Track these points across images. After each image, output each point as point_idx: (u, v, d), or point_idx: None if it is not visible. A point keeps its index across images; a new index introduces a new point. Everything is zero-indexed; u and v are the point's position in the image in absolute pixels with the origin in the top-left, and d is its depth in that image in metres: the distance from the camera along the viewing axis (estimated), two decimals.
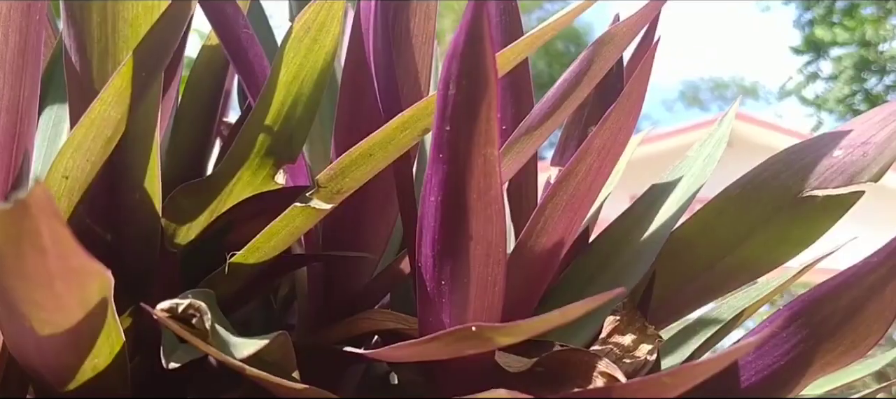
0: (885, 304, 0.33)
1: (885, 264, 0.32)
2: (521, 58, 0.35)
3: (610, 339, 0.43)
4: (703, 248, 0.45)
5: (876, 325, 0.34)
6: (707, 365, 0.25)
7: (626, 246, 0.46)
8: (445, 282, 0.33)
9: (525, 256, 0.38)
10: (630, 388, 0.28)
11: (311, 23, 0.40)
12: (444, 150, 0.30)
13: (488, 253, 0.32)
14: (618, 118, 0.36)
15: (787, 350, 0.35)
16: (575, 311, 0.26)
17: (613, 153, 0.37)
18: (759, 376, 0.37)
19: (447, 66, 0.28)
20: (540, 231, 0.38)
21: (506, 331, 0.28)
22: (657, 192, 0.48)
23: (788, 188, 0.44)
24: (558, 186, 0.37)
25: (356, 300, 0.43)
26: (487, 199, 0.30)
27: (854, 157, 0.44)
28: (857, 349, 0.35)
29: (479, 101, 0.28)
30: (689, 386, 0.26)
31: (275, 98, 0.40)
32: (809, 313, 0.34)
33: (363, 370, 0.45)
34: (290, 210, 0.36)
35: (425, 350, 0.31)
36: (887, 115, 0.45)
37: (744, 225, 0.44)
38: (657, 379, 0.26)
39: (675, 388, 0.26)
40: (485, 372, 0.37)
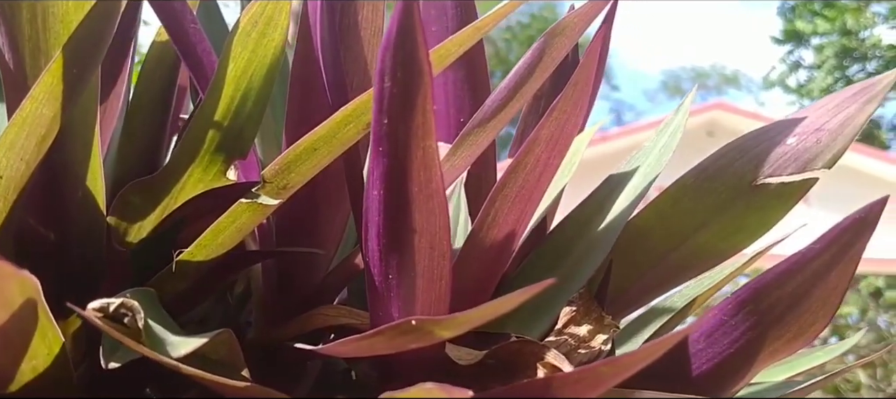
0: (829, 290, 0.33)
1: (827, 250, 0.32)
2: (463, 48, 0.35)
3: (566, 329, 0.43)
4: (659, 238, 0.45)
5: (822, 312, 0.34)
6: (640, 355, 0.25)
7: (583, 236, 0.46)
8: (392, 276, 0.33)
9: (477, 248, 0.38)
10: (568, 380, 0.28)
11: (259, 17, 0.39)
12: (382, 144, 0.30)
13: (433, 246, 0.32)
14: (565, 109, 0.36)
15: (737, 337, 0.35)
16: (509, 302, 0.26)
17: (562, 143, 0.37)
18: (711, 364, 0.37)
19: (381, 59, 0.28)
20: (491, 223, 0.38)
21: (445, 324, 0.28)
22: (614, 182, 0.48)
23: (743, 176, 0.44)
24: (507, 178, 0.37)
25: (312, 296, 0.43)
26: (429, 191, 0.30)
27: (808, 144, 0.44)
28: (804, 336, 0.35)
29: (415, 94, 0.28)
30: (625, 376, 0.26)
31: (224, 93, 0.40)
32: (756, 301, 0.34)
33: (321, 366, 0.44)
34: (236, 206, 0.35)
35: (369, 345, 0.31)
36: (841, 102, 0.45)
37: (699, 213, 0.44)
38: (594, 369, 0.26)
39: (612, 378, 0.26)
40: (437, 365, 0.37)
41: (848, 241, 0.32)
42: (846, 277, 0.32)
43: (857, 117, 0.45)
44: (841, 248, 0.32)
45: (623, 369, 0.26)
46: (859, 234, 0.31)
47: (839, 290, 0.33)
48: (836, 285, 0.33)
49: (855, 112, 0.45)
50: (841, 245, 0.32)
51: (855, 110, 0.45)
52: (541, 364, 0.32)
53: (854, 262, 0.32)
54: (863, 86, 0.45)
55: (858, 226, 0.31)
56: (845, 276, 0.32)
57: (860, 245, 0.32)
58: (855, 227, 0.31)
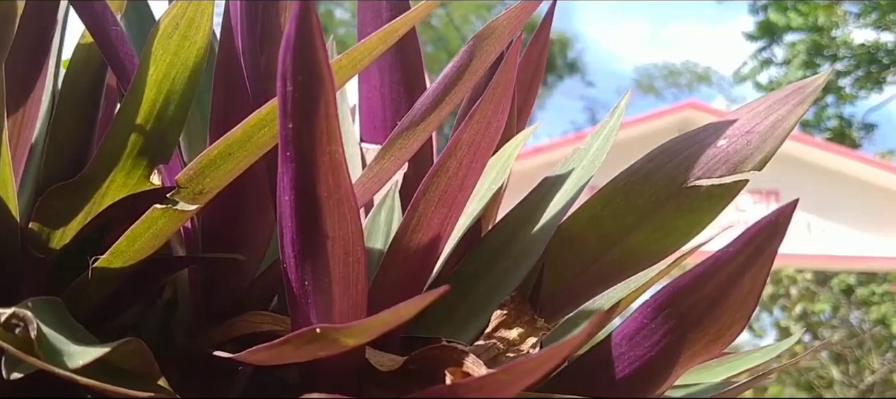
0: (744, 293, 0.33)
1: (741, 253, 0.32)
2: (375, 52, 0.35)
3: (495, 333, 0.42)
4: (592, 240, 0.45)
5: (738, 315, 0.34)
6: (538, 360, 0.25)
7: (517, 239, 0.46)
8: (309, 282, 0.33)
9: (401, 253, 0.38)
10: (471, 386, 0.27)
11: (180, 19, 0.39)
12: (289, 149, 0.29)
13: (347, 252, 0.32)
14: (485, 112, 0.35)
15: (657, 340, 0.35)
16: (407, 309, 0.25)
17: (484, 147, 0.37)
18: (633, 368, 0.37)
19: (281, 62, 0.27)
20: (415, 227, 0.37)
21: (348, 331, 0.27)
22: (548, 184, 0.48)
23: (674, 178, 0.44)
24: (430, 182, 0.36)
25: (240, 301, 0.42)
26: (338, 196, 0.30)
27: (738, 147, 0.44)
28: (722, 339, 0.35)
29: (317, 98, 0.27)
30: (526, 382, 0.26)
31: (145, 97, 0.39)
32: (674, 304, 0.34)
33: (252, 371, 0.44)
34: (150, 212, 0.35)
35: (278, 353, 0.30)
36: (772, 105, 0.45)
37: (631, 216, 0.44)
38: (494, 376, 0.26)
39: (512, 384, 0.26)
40: (358, 370, 0.36)
41: (760, 244, 0.32)
42: (761, 280, 0.33)
43: (787, 119, 0.45)
44: (754, 251, 0.32)
45: (521, 376, 0.25)
46: (771, 238, 0.31)
47: (754, 292, 0.33)
48: (751, 288, 0.33)
49: (785, 114, 0.45)
50: (754, 248, 0.32)
51: (785, 112, 0.45)
52: (456, 369, 0.32)
53: (768, 265, 0.32)
54: (794, 88, 0.46)
55: (770, 229, 0.31)
56: (759, 278, 0.32)
57: (772, 248, 0.32)
58: (767, 230, 0.31)
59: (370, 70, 0.49)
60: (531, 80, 0.53)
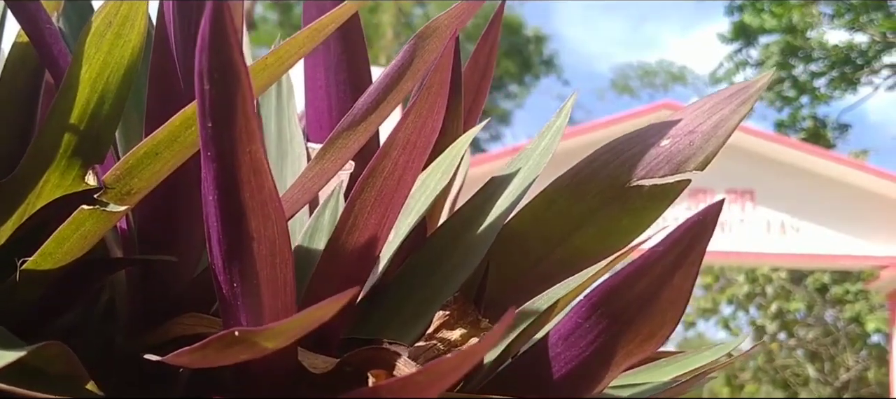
0: (675, 292, 0.33)
1: (671, 252, 0.32)
2: (302, 50, 0.34)
3: (437, 334, 0.42)
4: (536, 240, 0.45)
5: (670, 314, 0.34)
6: (455, 361, 0.25)
7: (461, 240, 0.46)
8: (237, 284, 0.32)
9: (337, 255, 0.37)
10: (391, 388, 0.27)
11: (113, 17, 0.38)
12: (210, 148, 0.29)
13: (274, 253, 0.31)
14: (419, 112, 0.35)
15: (592, 340, 0.35)
16: (323, 310, 0.25)
17: (420, 147, 0.37)
18: (569, 368, 0.37)
19: (198, 61, 0.27)
20: (350, 229, 0.37)
21: (266, 334, 0.27)
22: (495, 185, 0.47)
23: (617, 178, 0.44)
24: (364, 183, 0.36)
25: (178, 303, 0.41)
26: (262, 197, 0.30)
27: (680, 146, 0.44)
28: (655, 338, 0.35)
29: (234, 97, 0.27)
30: (444, 384, 0.26)
31: (79, 96, 0.39)
32: (607, 303, 0.34)
33: (190, 374, 0.43)
34: (78, 213, 0.34)
35: (201, 356, 0.30)
36: (715, 104, 0.46)
37: (574, 215, 0.45)
38: (413, 378, 0.26)
39: (432, 385, 0.26)
40: (291, 373, 0.36)
41: (689, 243, 0.32)
42: (690, 279, 0.33)
43: (730, 119, 0.45)
44: (683, 250, 0.32)
45: (439, 378, 0.25)
46: (699, 237, 0.31)
47: (685, 291, 0.33)
48: (682, 286, 0.33)
49: (729, 114, 0.45)
50: (683, 247, 0.32)
51: (729, 112, 0.45)
52: (380, 371, 0.32)
53: (697, 264, 0.32)
54: (737, 88, 0.46)
55: (698, 228, 0.31)
56: (689, 277, 0.33)
57: (701, 247, 0.32)
58: (695, 229, 0.31)
59: (316, 70, 0.49)
60: (480, 82, 0.53)
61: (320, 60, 0.49)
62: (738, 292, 9.91)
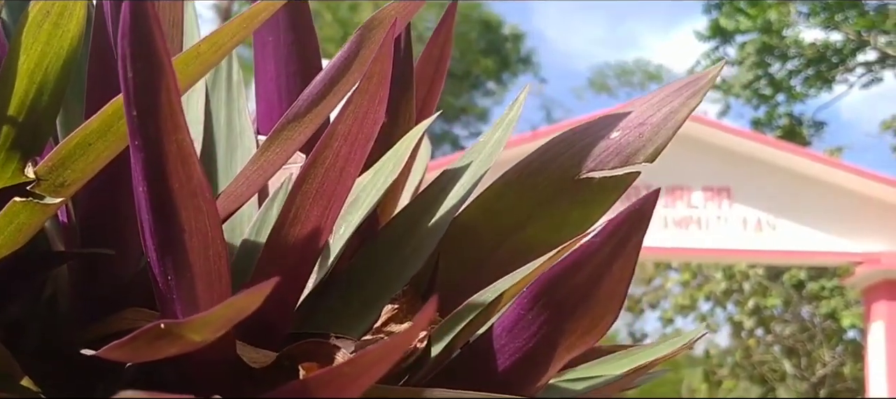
0: (615, 282, 0.33)
1: (608, 243, 0.32)
2: (236, 38, 0.34)
3: (385, 328, 0.42)
4: (486, 233, 0.45)
5: (610, 305, 0.34)
6: (379, 353, 0.24)
7: (412, 233, 0.45)
8: (171, 277, 0.32)
9: (279, 248, 0.37)
10: (319, 380, 0.27)
11: (50, 7, 0.37)
12: (137, 138, 0.28)
13: (206, 245, 0.31)
14: (360, 103, 0.35)
15: (535, 331, 0.35)
16: (245, 301, 0.25)
17: (362, 138, 0.36)
18: (513, 359, 0.37)
19: (120, 47, 0.26)
20: (292, 222, 0.37)
21: (191, 326, 0.27)
22: (447, 178, 0.47)
23: (567, 170, 0.44)
24: (305, 175, 0.36)
25: (121, 297, 0.41)
26: (191, 188, 0.29)
27: (630, 138, 0.44)
28: (596, 329, 0.35)
29: (157, 85, 0.26)
30: (371, 374, 0.25)
31: (17, 88, 0.38)
32: (549, 294, 0.34)
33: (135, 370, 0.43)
34: (10, 206, 0.33)
35: (131, 350, 0.29)
36: (665, 97, 0.46)
37: (524, 208, 0.44)
38: (339, 369, 0.25)
39: (359, 377, 0.25)
40: (232, 368, 0.35)
41: (626, 233, 0.32)
42: (629, 270, 0.33)
43: (679, 112, 0.45)
44: (620, 240, 0.32)
45: (363, 370, 0.25)
46: (636, 227, 0.31)
47: (624, 282, 0.33)
48: (621, 277, 0.33)
49: (678, 107, 0.45)
50: (620, 237, 0.32)
51: (678, 105, 0.45)
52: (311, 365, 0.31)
53: (634, 255, 0.32)
54: (687, 81, 0.46)
55: (635, 218, 0.31)
56: (628, 268, 0.33)
57: (638, 237, 0.32)
58: (631, 219, 0.31)
59: (266, 62, 0.49)
60: (434, 76, 0.53)
61: (270, 52, 0.48)
62: (716, 289, 9.99)
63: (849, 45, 10.73)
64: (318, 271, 0.44)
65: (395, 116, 0.48)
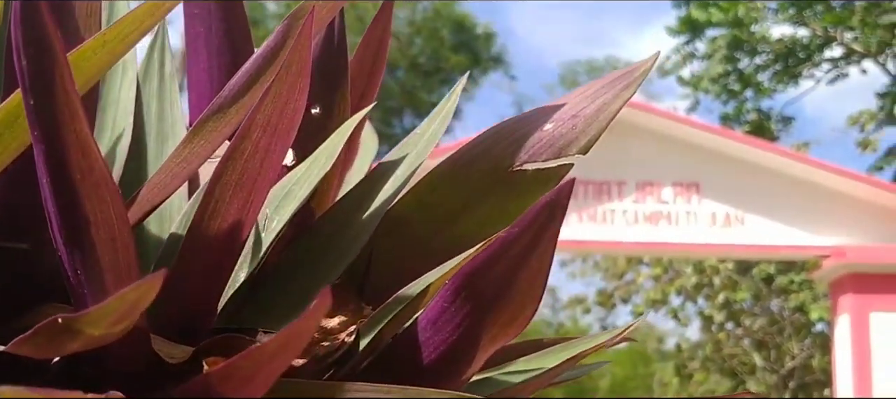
0: (533, 273, 0.33)
1: (526, 233, 0.32)
2: (144, 26, 0.33)
3: None
4: (420, 225, 0.45)
5: (530, 296, 0.34)
6: (275, 347, 0.24)
7: (346, 226, 0.45)
8: (80, 271, 0.31)
9: (199, 241, 0.36)
10: (219, 375, 0.26)
11: None
12: (36, 128, 0.27)
13: (113, 237, 0.30)
14: (279, 93, 0.34)
15: (458, 324, 0.35)
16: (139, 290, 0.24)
17: (283, 128, 0.36)
18: (438, 353, 0.36)
19: (14, 35, 0.26)
20: (212, 214, 0.36)
21: (86, 320, 0.26)
22: (382, 170, 0.47)
23: (500, 162, 0.44)
24: (224, 166, 0.35)
25: (41, 292, 0.40)
26: (93, 179, 0.28)
27: (563, 130, 0.44)
28: (517, 321, 0.35)
29: (50, 73, 0.26)
30: (271, 369, 0.25)
31: None
32: (470, 286, 0.34)
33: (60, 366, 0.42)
34: None
35: (33, 346, 0.29)
36: (599, 89, 0.46)
37: (459, 200, 0.44)
38: (237, 363, 0.25)
39: (258, 371, 0.25)
40: (149, 363, 0.35)
41: (543, 223, 0.31)
42: (547, 260, 0.32)
43: (612, 104, 0.45)
44: (537, 230, 0.32)
45: (261, 363, 0.24)
46: (552, 217, 0.31)
47: (542, 272, 0.33)
48: (539, 268, 0.33)
49: (611, 99, 0.45)
50: (537, 228, 0.32)
51: (611, 97, 0.45)
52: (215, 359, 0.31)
53: (552, 245, 0.32)
54: (621, 73, 0.46)
55: (550, 209, 0.31)
56: (545, 259, 0.32)
57: (554, 227, 0.32)
58: (547, 209, 0.31)
59: (198, 53, 0.48)
60: (371, 68, 0.52)
61: (202, 43, 0.47)
62: (687, 283, 10.10)
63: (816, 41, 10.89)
64: (250, 265, 0.44)
65: (329, 108, 0.48)
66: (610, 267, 11.45)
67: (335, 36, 0.47)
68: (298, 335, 0.24)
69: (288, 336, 0.24)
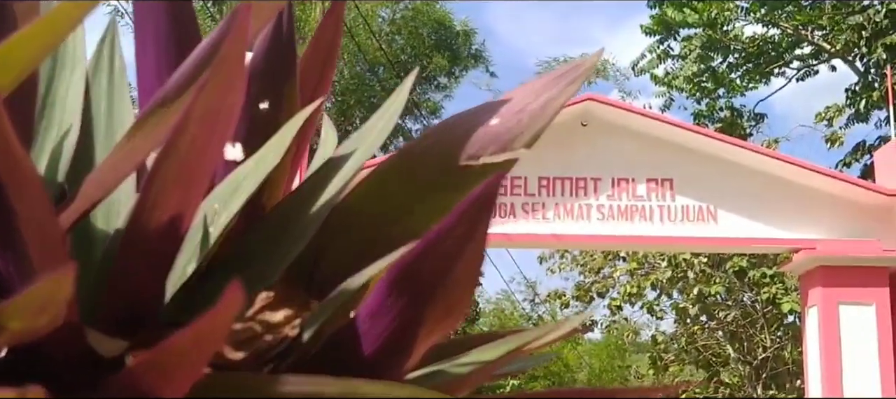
0: (468, 265, 0.33)
1: (458, 226, 0.32)
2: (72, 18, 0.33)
3: (258, 315, 0.42)
4: (369, 219, 0.45)
5: (465, 288, 0.34)
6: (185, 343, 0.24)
7: (295, 220, 0.45)
8: (12, 266, 0.31)
9: (139, 234, 0.36)
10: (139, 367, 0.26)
11: None
12: None
13: (43, 234, 0.30)
14: (214, 86, 0.34)
15: (395, 316, 0.36)
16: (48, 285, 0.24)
17: (221, 122, 0.36)
18: (378, 344, 0.37)
19: None
20: (152, 207, 0.36)
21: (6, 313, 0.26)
22: (331, 165, 0.47)
23: (447, 157, 0.44)
24: (161, 160, 0.35)
25: None
26: (19, 175, 0.28)
27: (509, 125, 0.45)
28: (454, 313, 0.35)
29: None
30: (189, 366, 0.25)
31: None
32: (406, 279, 0.34)
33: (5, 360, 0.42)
34: None
35: None
36: (545, 85, 0.46)
37: (407, 194, 0.44)
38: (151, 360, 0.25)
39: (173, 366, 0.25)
40: (83, 356, 0.35)
41: (474, 216, 0.32)
42: (480, 253, 0.33)
43: (558, 99, 0.46)
44: (469, 224, 0.32)
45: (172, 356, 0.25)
46: (483, 210, 0.32)
47: (476, 264, 0.33)
48: (473, 260, 0.33)
49: (556, 94, 0.46)
50: (468, 221, 0.32)
51: (556, 92, 0.46)
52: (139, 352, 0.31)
53: (483, 238, 0.32)
54: (567, 69, 0.47)
55: (481, 202, 0.32)
56: (478, 251, 0.33)
57: (485, 220, 0.32)
58: (478, 203, 0.32)
59: (145, 48, 0.48)
60: (323, 66, 0.52)
61: (149, 38, 0.47)
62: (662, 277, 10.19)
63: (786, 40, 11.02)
64: (198, 258, 0.44)
65: (278, 102, 0.48)
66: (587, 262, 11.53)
67: (283, 33, 0.47)
68: (209, 330, 0.24)
69: (197, 332, 0.24)
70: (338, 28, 0.52)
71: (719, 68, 10.97)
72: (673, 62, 10.84)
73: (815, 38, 10.80)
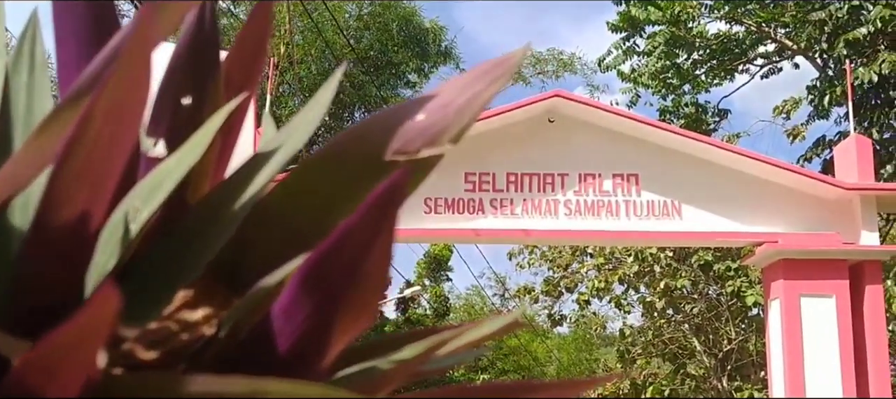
0: (377, 260, 0.33)
1: (366, 220, 0.32)
2: None
3: (176, 314, 0.41)
4: (294, 214, 0.44)
5: (376, 283, 0.34)
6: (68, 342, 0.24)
7: (216, 217, 0.44)
8: None
9: (46, 232, 0.36)
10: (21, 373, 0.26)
11: None
12: None
13: None
14: (120, 81, 0.34)
15: (309, 312, 0.35)
16: None
17: (129, 117, 0.35)
18: (292, 341, 0.36)
19: None
20: (58, 203, 0.35)
21: None
22: (257, 160, 0.46)
23: (374, 151, 0.44)
24: (66, 156, 0.34)
25: None
26: None
27: (435, 119, 0.45)
28: (367, 308, 0.35)
29: None
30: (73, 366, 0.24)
31: None
32: (318, 274, 0.34)
33: None
34: None
35: None
36: (470, 80, 0.46)
37: (331, 189, 0.44)
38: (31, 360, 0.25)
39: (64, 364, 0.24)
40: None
41: (382, 209, 0.32)
42: (388, 247, 0.33)
43: (483, 94, 0.46)
44: (377, 217, 0.32)
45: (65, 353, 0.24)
46: (390, 204, 0.32)
47: (386, 259, 0.33)
48: (382, 255, 0.33)
49: (482, 89, 0.46)
50: (376, 215, 0.32)
51: (482, 88, 0.46)
52: None
53: (392, 232, 0.32)
54: (492, 64, 0.47)
55: (388, 196, 0.31)
56: (387, 246, 0.33)
57: (392, 215, 0.32)
58: (385, 197, 0.31)
59: (66, 42, 0.47)
60: (252, 59, 0.51)
61: (70, 33, 0.46)
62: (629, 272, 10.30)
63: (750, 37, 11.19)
64: (118, 255, 0.43)
65: (201, 97, 0.47)
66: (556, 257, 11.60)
67: (206, 29, 0.46)
68: (87, 328, 0.24)
69: (72, 330, 0.24)
70: (265, 28, 0.52)
71: (684, 65, 11.10)
72: (639, 59, 10.94)
73: (778, 35, 10.97)
